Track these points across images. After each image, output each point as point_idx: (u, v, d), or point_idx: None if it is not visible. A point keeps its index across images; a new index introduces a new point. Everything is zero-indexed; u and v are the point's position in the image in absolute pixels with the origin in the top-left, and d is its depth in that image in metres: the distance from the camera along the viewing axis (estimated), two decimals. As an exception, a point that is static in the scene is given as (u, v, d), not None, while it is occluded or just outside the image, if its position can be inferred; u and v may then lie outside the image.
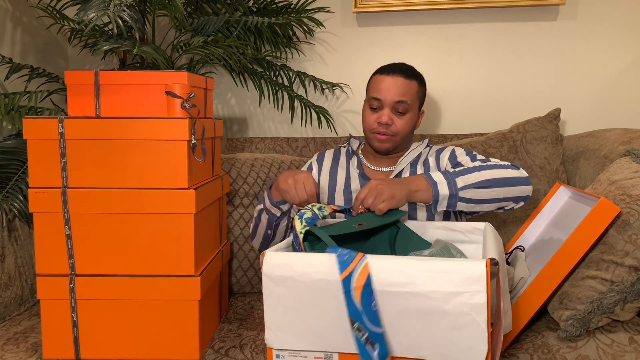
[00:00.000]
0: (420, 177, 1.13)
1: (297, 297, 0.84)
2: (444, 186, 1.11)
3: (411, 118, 1.32)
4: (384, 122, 1.29)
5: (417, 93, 1.32)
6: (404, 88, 1.29)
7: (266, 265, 0.85)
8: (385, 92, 1.29)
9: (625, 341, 1.02)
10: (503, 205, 1.18)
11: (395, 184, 1.08)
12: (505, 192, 1.15)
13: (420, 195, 1.11)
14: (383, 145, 1.33)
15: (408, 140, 1.38)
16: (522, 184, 1.17)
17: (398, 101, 1.28)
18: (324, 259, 0.83)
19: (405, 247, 1.10)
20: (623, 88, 1.76)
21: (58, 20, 1.65)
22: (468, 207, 1.14)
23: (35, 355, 1.11)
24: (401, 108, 1.29)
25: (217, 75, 1.95)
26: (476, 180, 1.13)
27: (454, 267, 0.77)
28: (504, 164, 1.20)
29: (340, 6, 1.85)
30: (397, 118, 1.30)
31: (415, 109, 1.34)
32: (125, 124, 1.04)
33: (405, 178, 1.13)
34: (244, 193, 1.51)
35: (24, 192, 1.36)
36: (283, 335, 0.86)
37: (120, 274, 1.06)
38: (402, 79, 1.29)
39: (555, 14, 1.76)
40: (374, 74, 1.35)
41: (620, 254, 1.02)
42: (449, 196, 1.11)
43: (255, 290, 1.50)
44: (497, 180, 1.15)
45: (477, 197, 1.13)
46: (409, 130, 1.34)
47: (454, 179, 1.12)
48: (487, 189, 1.13)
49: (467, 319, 0.77)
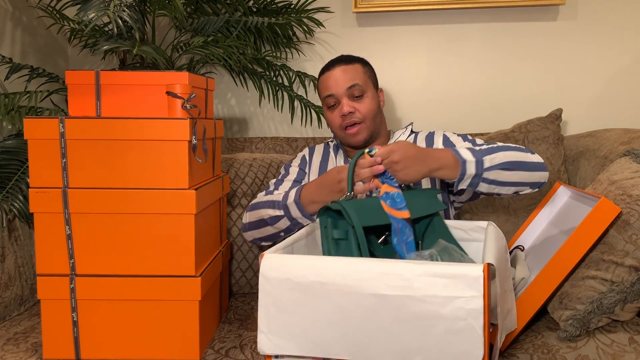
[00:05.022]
0: (448, 153, 1.08)
1: (293, 299, 0.83)
2: (472, 165, 1.08)
3: (371, 98, 1.30)
4: (346, 112, 1.27)
5: (364, 73, 1.31)
6: (349, 73, 1.28)
7: (263, 267, 0.85)
8: (335, 85, 1.28)
9: (625, 341, 1.02)
10: (520, 190, 1.15)
11: (417, 161, 1.03)
12: (527, 177, 1.13)
13: (444, 173, 1.07)
14: (358, 138, 1.30)
15: (380, 123, 1.35)
16: (541, 170, 1.16)
17: (349, 87, 1.27)
18: (321, 261, 0.83)
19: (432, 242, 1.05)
20: (623, 88, 1.76)
21: (58, 20, 1.65)
22: (489, 189, 1.11)
23: (36, 355, 1.11)
24: (356, 92, 1.28)
25: (217, 75, 1.95)
26: (501, 161, 1.10)
27: (451, 272, 0.77)
28: (522, 147, 1.17)
29: (340, 6, 1.85)
30: (357, 104, 1.28)
31: (372, 89, 1.32)
32: (126, 124, 1.04)
33: (428, 152, 1.07)
34: (242, 193, 1.51)
35: (24, 192, 1.36)
36: (276, 339, 0.84)
37: (121, 274, 1.06)
38: (344, 66, 1.29)
39: (555, 14, 1.76)
40: (319, 77, 1.35)
41: (621, 254, 1.02)
42: (474, 175, 1.08)
43: (254, 291, 1.50)
44: (520, 164, 1.12)
45: (499, 179, 1.10)
46: (375, 111, 1.31)
47: (482, 157, 1.09)
48: (511, 171, 1.11)
49: (463, 323, 0.76)
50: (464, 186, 1.10)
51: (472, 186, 1.10)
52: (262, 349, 0.85)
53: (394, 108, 1.88)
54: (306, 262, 0.83)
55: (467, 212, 1.57)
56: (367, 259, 0.83)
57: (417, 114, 1.85)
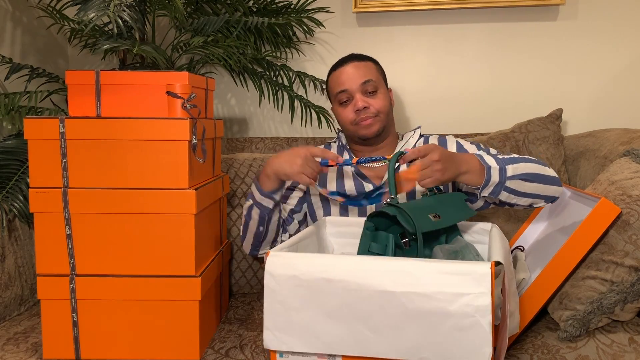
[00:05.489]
0: (474, 158, 1.09)
1: (298, 295, 0.84)
2: (496, 172, 1.07)
3: (384, 94, 1.30)
4: (360, 107, 1.26)
5: (377, 71, 1.32)
6: (363, 69, 1.28)
7: (269, 264, 0.85)
8: (349, 81, 1.28)
9: (625, 341, 1.02)
10: (536, 202, 1.15)
11: (451, 163, 1.04)
12: (544, 190, 1.14)
13: (468, 178, 1.07)
14: (372, 129, 1.28)
15: (391, 121, 1.35)
16: (557, 184, 1.17)
17: (364, 82, 1.27)
18: (328, 259, 0.83)
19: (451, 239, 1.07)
20: (623, 88, 1.76)
21: (58, 20, 1.65)
22: (508, 198, 1.11)
23: (36, 355, 1.11)
24: (370, 87, 1.27)
25: (217, 75, 1.95)
26: (523, 171, 1.10)
27: (459, 269, 0.77)
28: (540, 160, 1.18)
29: (340, 6, 1.85)
30: (370, 99, 1.28)
31: (384, 86, 1.33)
32: (126, 124, 1.04)
33: (457, 155, 1.08)
34: (241, 193, 1.51)
35: (24, 192, 1.36)
36: (282, 336, 0.85)
37: (121, 274, 1.06)
38: (357, 63, 1.29)
39: (555, 14, 1.76)
40: (329, 74, 1.35)
41: (620, 254, 1.02)
42: (497, 183, 1.08)
43: (254, 291, 1.50)
44: (539, 176, 1.13)
45: (519, 189, 1.10)
46: (388, 107, 1.31)
47: (505, 166, 1.09)
48: (531, 182, 1.11)
49: (471, 320, 0.77)
50: (487, 193, 1.09)
51: (493, 194, 1.09)
52: (268, 345, 0.86)
53: (394, 108, 1.87)
54: (312, 260, 0.84)
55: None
56: (373, 257, 0.83)
57: (417, 114, 1.86)
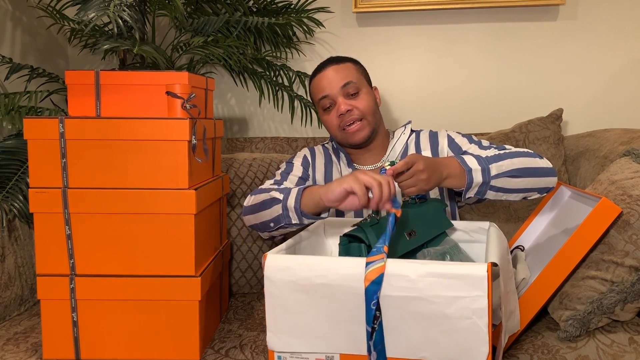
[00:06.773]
0: (454, 161, 1.08)
1: (298, 300, 0.84)
2: (478, 174, 1.07)
3: (367, 94, 1.29)
4: (343, 110, 1.25)
5: (357, 71, 1.30)
6: (342, 72, 1.27)
7: (268, 269, 0.85)
8: (328, 86, 1.26)
9: (625, 341, 1.02)
10: (528, 195, 1.15)
11: (434, 171, 1.03)
12: (534, 183, 1.13)
13: (452, 182, 1.07)
14: (360, 135, 1.27)
15: (380, 120, 1.33)
16: (549, 175, 1.15)
17: (344, 85, 1.25)
18: (325, 262, 0.83)
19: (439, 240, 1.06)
20: (623, 88, 1.76)
21: (58, 20, 1.65)
22: (496, 196, 1.11)
23: (35, 355, 1.11)
24: (351, 89, 1.26)
25: (217, 75, 1.95)
26: (508, 168, 1.10)
27: (455, 272, 0.77)
28: (531, 152, 1.16)
29: (340, 6, 1.85)
30: (353, 101, 1.26)
31: (366, 86, 1.31)
32: (126, 124, 1.04)
33: (439, 160, 1.07)
34: (241, 193, 1.51)
35: (24, 192, 1.36)
36: (285, 338, 0.86)
37: (121, 274, 1.06)
38: (335, 66, 1.28)
39: (555, 14, 1.76)
40: (310, 81, 1.33)
41: (621, 254, 1.02)
42: (481, 184, 1.07)
43: (254, 291, 1.50)
44: (528, 170, 1.11)
45: (507, 186, 1.10)
46: (373, 107, 1.29)
47: (488, 165, 1.08)
48: (518, 178, 1.10)
49: (468, 322, 0.77)
50: (472, 194, 1.09)
51: (479, 194, 1.09)
52: (272, 346, 0.88)
53: (394, 108, 1.88)
54: (310, 263, 0.84)
55: (468, 212, 1.57)
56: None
57: (417, 114, 1.85)
